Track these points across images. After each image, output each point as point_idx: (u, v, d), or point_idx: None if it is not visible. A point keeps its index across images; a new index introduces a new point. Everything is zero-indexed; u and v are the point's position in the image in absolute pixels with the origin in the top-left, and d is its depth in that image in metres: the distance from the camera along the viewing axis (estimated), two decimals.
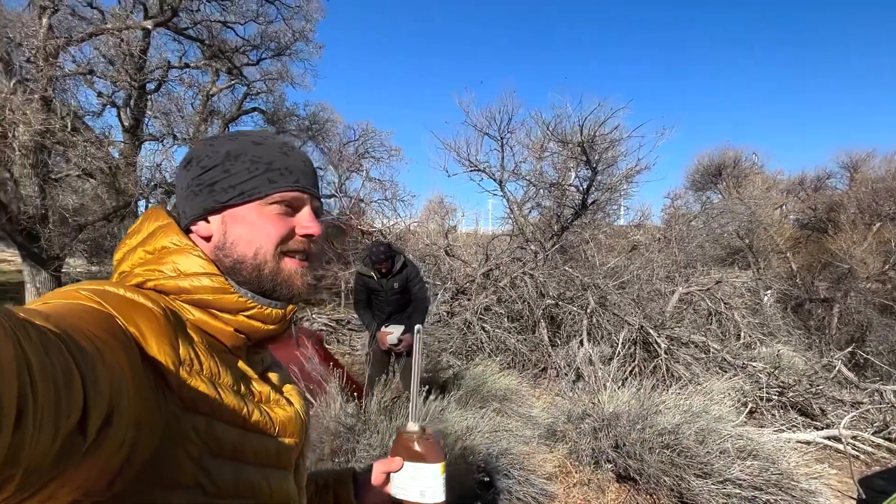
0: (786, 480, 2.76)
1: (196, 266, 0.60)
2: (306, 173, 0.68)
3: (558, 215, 8.57)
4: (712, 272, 9.92)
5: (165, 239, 0.62)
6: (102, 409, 0.39)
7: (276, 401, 0.65)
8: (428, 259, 8.64)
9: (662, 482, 2.78)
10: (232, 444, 0.55)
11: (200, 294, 0.60)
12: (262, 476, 0.59)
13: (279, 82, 13.55)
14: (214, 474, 0.53)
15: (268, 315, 0.64)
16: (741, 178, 16.60)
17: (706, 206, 13.43)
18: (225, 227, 0.64)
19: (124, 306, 0.50)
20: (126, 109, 12.19)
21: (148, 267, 0.60)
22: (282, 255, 0.64)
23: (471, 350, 6.28)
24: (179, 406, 0.51)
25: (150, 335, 0.50)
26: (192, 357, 0.53)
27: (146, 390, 0.47)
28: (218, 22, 11.73)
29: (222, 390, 0.55)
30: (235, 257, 0.63)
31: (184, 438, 0.51)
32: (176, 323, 0.54)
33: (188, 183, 0.66)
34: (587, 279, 7.04)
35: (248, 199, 0.63)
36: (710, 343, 6.21)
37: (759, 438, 3.04)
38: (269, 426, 0.61)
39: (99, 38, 10.22)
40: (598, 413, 3.30)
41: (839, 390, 5.74)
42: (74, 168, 9.98)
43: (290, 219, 0.66)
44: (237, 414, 0.56)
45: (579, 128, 7.44)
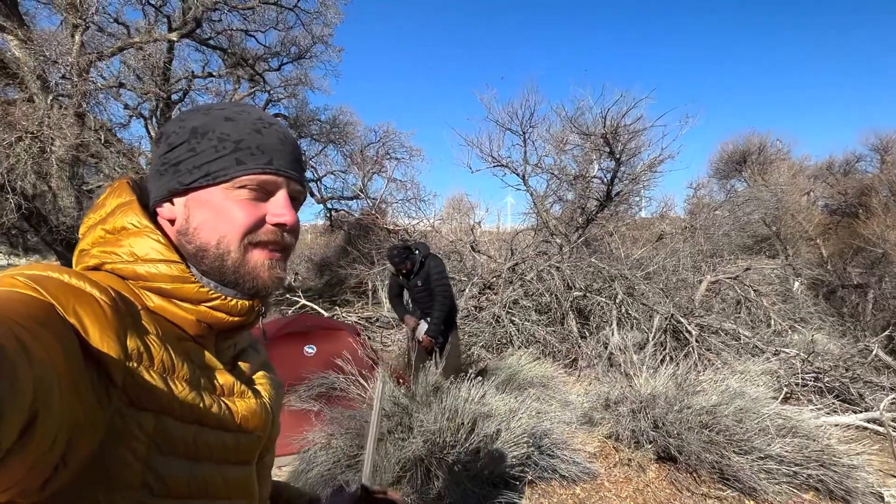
0: (827, 457, 2.78)
1: (154, 251, 0.56)
2: (282, 153, 0.61)
3: (582, 208, 8.58)
4: (739, 261, 9.83)
5: (124, 219, 0.57)
6: (22, 411, 0.35)
7: (241, 392, 0.62)
8: (453, 255, 8.75)
9: (704, 459, 2.83)
10: (184, 440, 0.53)
11: (157, 282, 0.56)
12: (218, 472, 0.57)
13: (300, 87, 13.81)
14: (164, 473, 0.51)
15: (232, 306, 0.60)
16: (766, 164, 16.34)
17: (731, 194, 13.24)
18: (188, 211, 0.59)
19: (65, 294, 0.46)
20: (152, 120, 12.58)
21: (104, 248, 0.56)
22: (248, 246, 0.59)
23: (500, 343, 6.36)
24: (125, 402, 0.47)
25: (93, 326, 0.46)
26: (142, 350, 0.50)
27: (86, 386, 0.44)
28: (240, 31, 12.00)
29: (176, 384, 0.52)
30: (198, 244, 0.58)
31: (129, 436, 0.47)
32: (126, 312, 0.50)
33: (155, 161, 0.62)
34: (614, 270, 7.05)
35: (212, 181, 0.58)
36: (741, 330, 6.17)
37: (798, 417, 3.07)
38: (227, 421, 0.58)
39: (126, 52, 10.54)
40: (636, 396, 3.35)
41: (877, 375, 5.66)
42: (105, 179, 10.35)
43: (262, 205, 0.60)
44: (192, 409, 0.53)
45: (602, 119, 7.46)
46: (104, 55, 9.73)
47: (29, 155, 7.73)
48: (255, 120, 0.60)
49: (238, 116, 0.60)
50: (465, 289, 7.60)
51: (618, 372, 4.51)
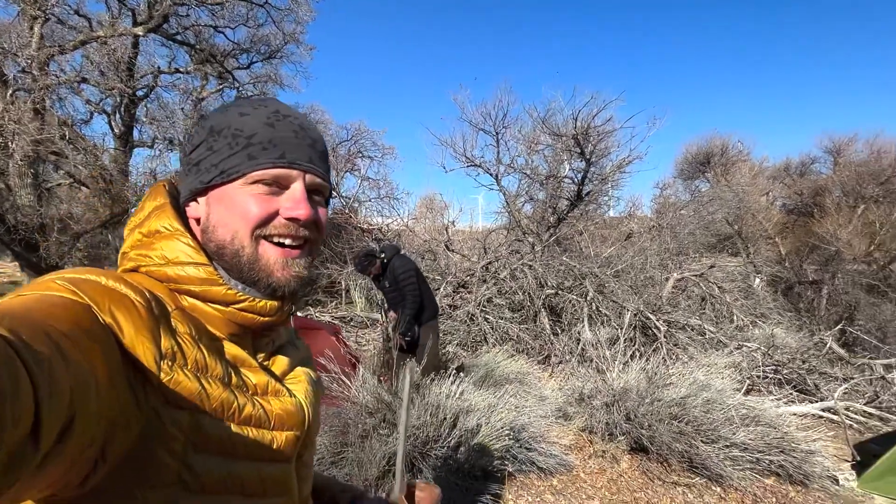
0: (786, 444, 2.95)
1: (183, 254, 0.57)
2: (297, 146, 0.60)
3: (553, 207, 8.75)
4: (704, 258, 10.18)
5: (158, 222, 0.59)
6: (61, 413, 0.37)
7: (276, 391, 0.62)
8: (427, 255, 8.80)
9: (674, 449, 2.96)
10: (219, 438, 0.53)
11: (187, 284, 0.57)
12: (254, 469, 0.57)
13: (270, 85, 13.60)
14: (199, 470, 0.51)
15: (261, 307, 0.60)
16: (728, 165, 16.92)
17: (695, 194, 13.67)
18: (209, 208, 0.60)
19: (101, 295, 0.47)
20: (115, 116, 12.20)
21: (140, 251, 0.58)
22: (260, 240, 0.59)
23: (475, 341, 6.45)
24: (160, 401, 0.49)
25: (128, 326, 0.47)
26: (176, 349, 0.51)
27: (123, 386, 0.45)
28: (208, 26, 11.75)
29: (210, 383, 0.53)
30: (217, 241, 0.59)
31: (165, 434, 0.49)
32: (161, 313, 0.52)
33: (182, 162, 0.63)
34: (585, 268, 7.22)
35: (227, 178, 0.58)
36: (706, 326, 6.42)
37: (760, 407, 3.24)
38: (262, 419, 0.58)
39: (89, 46, 10.20)
40: (608, 390, 3.48)
41: (831, 366, 5.98)
42: (66, 177, 10.01)
43: (276, 199, 0.59)
44: (226, 407, 0.54)
45: (573, 120, 7.63)
46: (65, 49, 9.40)
47: None
48: (269, 114, 0.60)
49: (253, 111, 0.60)
50: (439, 288, 7.66)
51: (590, 367, 4.65)
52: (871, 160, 14.42)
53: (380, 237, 9.05)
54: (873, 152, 14.74)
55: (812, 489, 2.91)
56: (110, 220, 10.76)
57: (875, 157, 14.47)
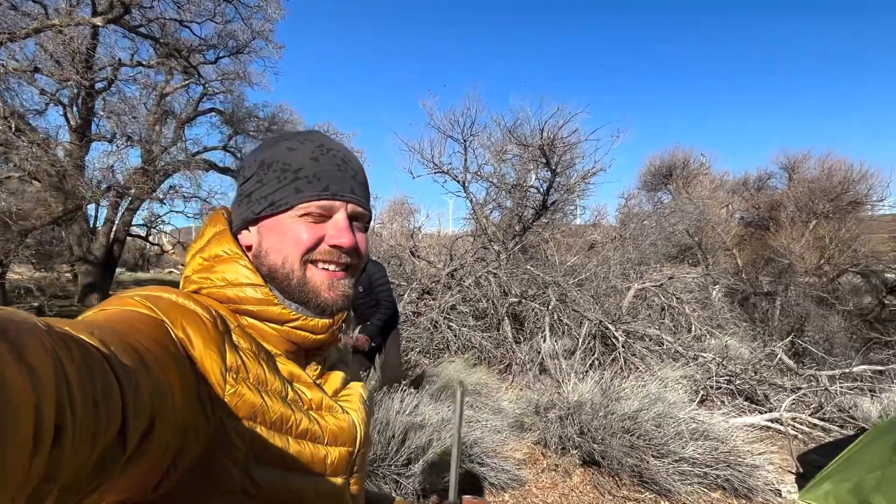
0: (733, 458, 3.02)
1: (242, 276, 0.61)
2: (340, 178, 0.65)
3: (519, 216, 8.81)
4: (665, 269, 10.42)
5: (219, 247, 0.63)
6: (143, 420, 0.40)
7: (329, 408, 0.65)
8: (392, 260, 8.73)
9: (624, 463, 2.99)
10: (278, 451, 0.55)
11: (245, 305, 0.61)
12: (311, 483, 0.59)
13: (237, 82, 13.32)
14: (260, 480, 0.54)
15: (314, 326, 0.64)
16: (690, 178, 17.41)
17: (658, 205, 14.01)
18: (260, 236, 0.65)
19: (174, 311, 0.51)
20: (72, 108, 11.72)
21: (202, 274, 0.62)
22: (308, 264, 0.63)
23: (438, 349, 6.41)
24: (226, 412, 0.51)
25: (198, 340, 0.51)
26: (240, 364, 0.54)
27: (193, 397, 0.48)
28: (173, 20, 11.42)
29: (269, 397, 0.56)
30: (268, 266, 0.63)
31: (230, 445, 0.51)
32: (224, 329, 0.55)
33: (236, 193, 0.68)
34: (548, 277, 7.29)
35: (276, 210, 0.63)
36: (664, 336, 6.55)
37: (709, 421, 3.30)
38: (317, 434, 0.61)
39: (43, 35, 9.77)
40: (563, 402, 3.50)
41: (780, 377, 6.19)
42: (16, 170, 9.55)
43: (322, 226, 0.64)
44: (284, 421, 0.57)
45: (539, 131, 7.70)
46: (16, 36, 8.98)
47: None
48: (314, 148, 0.65)
49: (300, 146, 0.65)
50: (404, 294, 7.61)
51: (548, 378, 4.67)
52: (823, 177, 15.05)
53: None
54: (825, 170, 15.39)
55: (756, 502, 2.99)
56: (62, 217, 10.32)
57: (826, 174, 15.11)
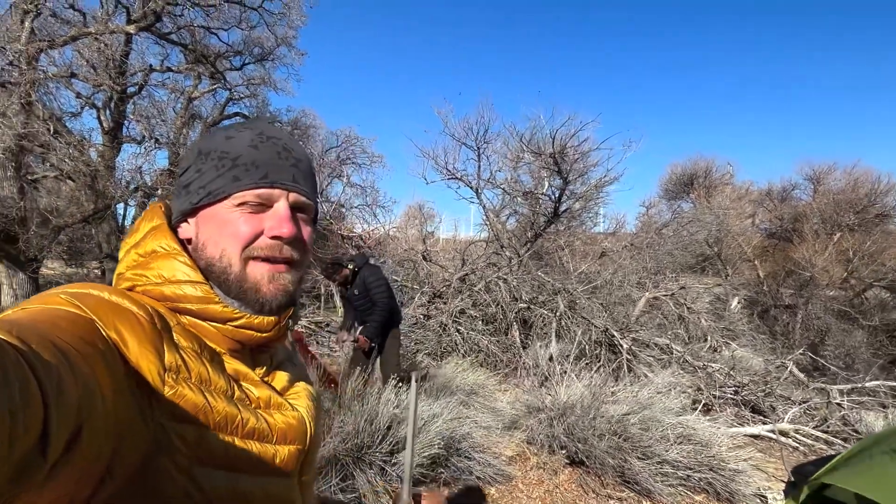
0: (716, 462, 3.08)
1: (180, 273, 0.58)
2: (280, 167, 0.61)
3: (532, 223, 8.90)
4: (681, 279, 10.36)
5: (155, 242, 0.60)
6: (68, 425, 0.37)
7: (278, 405, 0.62)
8: (406, 264, 8.90)
9: (607, 463, 3.08)
10: (224, 452, 0.53)
11: (185, 303, 0.57)
12: (258, 485, 0.57)
13: (262, 87, 13.71)
14: (204, 484, 0.51)
15: (259, 324, 0.60)
16: (712, 188, 17.23)
17: (676, 214, 13.91)
18: (197, 228, 0.62)
19: (105, 310, 0.48)
20: (106, 112, 12.22)
21: (137, 271, 0.59)
22: (248, 260, 0.60)
23: (445, 351, 6.54)
24: (166, 415, 0.49)
25: (133, 341, 0.48)
26: (180, 363, 0.51)
27: (128, 399, 0.45)
28: (201, 27, 11.86)
29: (213, 397, 0.53)
30: (205, 259, 0.60)
31: (171, 448, 0.49)
32: (163, 328, 0.52)
33: (175, 184, 0.65)
34: (558, 284, 7.36)
35: (214, 199, 0.60)
36: (673, 345, 6.57)
37: (696, 426, 3.36)
38: (265, 433, 0.58)
39: (80, 41, 10.25)
40: (555, 404, 3.60)
41: (791, 390, 6.15)
42: (52, 170, 10.03)
43: (260, 217, 0.60)
44: (230, 421, 0.54)
45: (551, 139, 7.80)
46: (56, 43, 9.45)
47: None
48: (254, 136, 0.61)
49: (238, 134, 0.62)
50: (415, 297, 7.77)
51: (545, 382, 4.77)
52: (849, 189, 14.74)
53: (360, 244, 9.16)
54: (851, 181, 15.07)
55: None
56: (93, 215, 10.77)
57: (852, 185, 14.80)
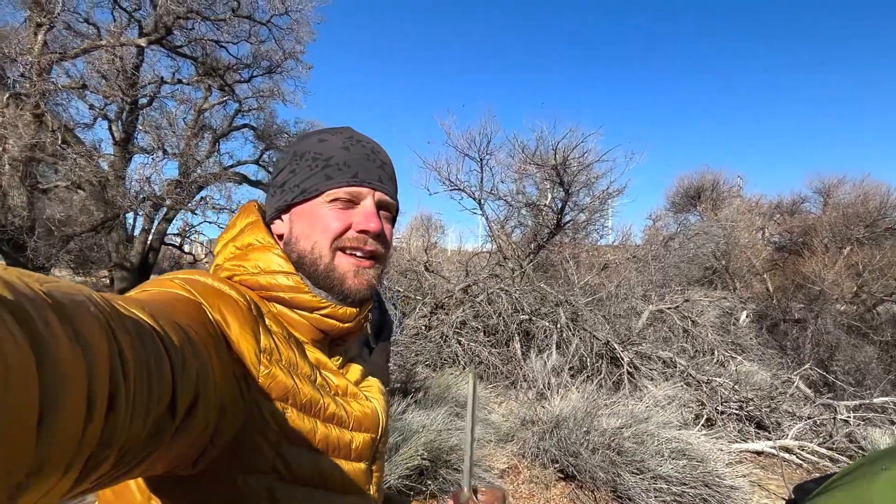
0: (711, 478, 3.02)
1: (274, 264, 0.63)
2: (368, 168, 0.67)
3: (535, 234, 8.88)
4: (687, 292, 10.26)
5: (252, 236, 0.65)
6: (190, 393, 0.41)
7: (354, 395, 0.66)
8: (409, 274, 8.89)
9: (599, 478, 3.03)
10: (308, 432, 0.57)
11: (277, 292, 0.62)
12: (336, 467, 0.61)
13: (270, 100, 13.87)
14: (291, 461, 0.55)
15: (342, 314, 0.65)
16: (719, 200, 17.10)
17: (682, 227, 13.81)
18: (291, 224, 0.67)
19: (210, 295, 0.53)
20: (118, 123, 12.41)
21: (235, 262, 0.64)
22: (337, 251, 0.64)
23: (445, 362, 6.51)
24: (260, 393, 0.53)
25: (234, 323, 0.53)
26: (273, 347, 0.56)
27: (230, 376, 0.50)
28: (211, 41, 12.05)
29: (300, 380, 0.57)
30: (298, 252, 0.65)
31: (263, 425, 0.53)
32: (258, 314, 0.57)
33: (269, 185, 0.71)
34: (560, 296, 7.31)
35: (307, 196, 0.65)
36: (677, 359, 6.49)
37: (691, 441, 3.30)
38: (343, 419, 0.62)
39: (93, 54, 10.44)
40: (549, 417, 3.55)
41: (798, 405, 6.04)
42: (63, 179, 10.18)
43: (350, 213, 0.65)
44: (313, 404, 0.58)
45: (553, 151, 7.80)
46: (68, 55, 9.64)
47: None
48: (344, 139, 0.67)
49: (330, 137, 0.67)
50: (417, 308, 7.75)
51: (544, 394, 4.72)
52: (858, 202, 14.58)
53: None
54: (860, 194, 14.91)
55: None
56: (102, 224, 10.90)
57: (862, 199, 14.64)
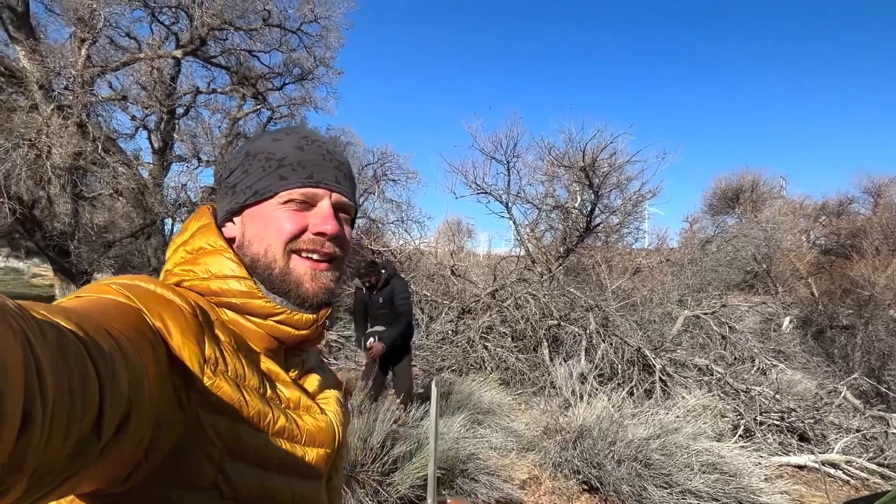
0: (745, 494, 2.83)
1: (226, 269, 0.60)
2: (324, 167, 0.64)
3: (564, 237, 8.71)
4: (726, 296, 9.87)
5: (203, 240, 0.63)
6: (120, 408, 0.39)
7: (307, 408, 0.63)
8: (437, 278, 8.85)
9: (623, 492, 2.88)
10: (255, 448, 0.54)
11: (229, 297, 0.59)
12: (287, 484, 0.57)
13: (302, 107, 14.14)
14: (234, 478, 0.52)
15: (297, 320, 0.62)
16: (759, 202, 16.47)
17: (720, 229, 13.33)
18: (244, 226, 0.64)
19: (151, 301, 0.50)
20: (156, 132, 12.87)
21: (185, 267, 0.61)
22: (291, 254, 0.62)
23: (471, 368, 6.42)
24: (202, 405, 0.50)
25: (176, 331, 0.50)
26: (218, 356, 0.53)
27: (168, 387, 0.47)
28: (244, 51, 12.36)
29: (247, 393, 0.54)
30: (251, 255, 0.62)
31: (204, 439, 0.50)
32: (204, 321, 0.54)
33: (220, 186, 0.68)
34: (590, 300, 7.13)
35: (261, 197, 0.62)
36: (714, 366, 6.22)
37: (724, 453, 3.12)
38: (295, 433, 0.59)
39: (133, 66, 10.86)
40: (572, 426, 3.42)
41: (846, 417, 5.69)
42: (106, 187, 10.59)
43: (305, 215, 0.63)
44: (261, 418, 0.55)
45: (581, 153, 7.63)
46: (108, 69, 10.03)
47: (25, 161, 7.94)
48: (299, 139, 0.65)
49: (284, 137, 0.65)
50: (443, 312, 7.70)
51: (570, 401, 4.57)
52: None
53: (391, 259, 9.16)
54: None
55: None
56: (140, 230, 11.28)
57: None
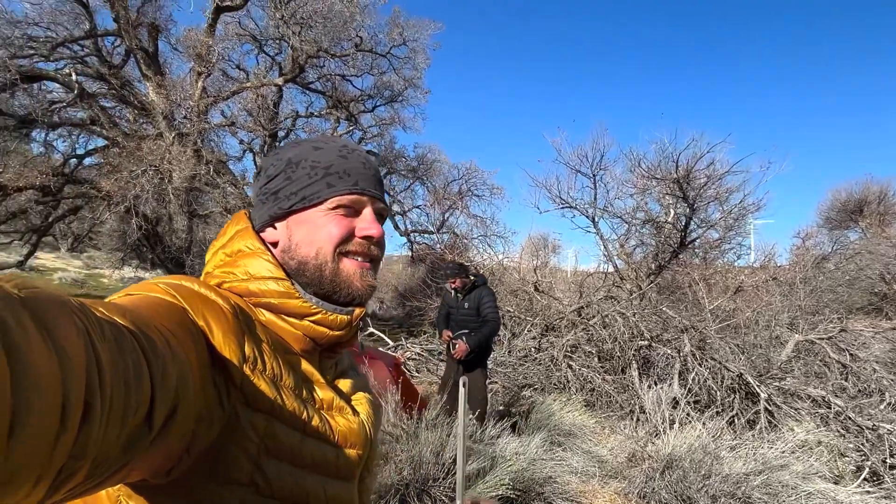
0: None
1: (264, 270, 0.62)
2: (366, 176, 0.68)
3: (656, 253, 8.25)
4: (846, 320, 8.83)
5: (241, 243, 0.65)
6: (169, 402, 0.40)
7: (340, 409, 0.65)
8: (520, 294, 8.71)
9: None
10: (290, 446, 0.56)
11: (267, 298, 0.61)
12: (320, 484, 0.59)
13: (391, 126, 14.74)
14: (270, 475, 0.54)
15: (333, 321, 0.64)
16: (888, 215, 14.63)
17: (839, 245, 12.00)
18: (290, 231, 0.66)
19: (195, 300, 0.52)
20: (260, 154, 13.98)
21: (224, 269, 0.63)
22: (341, 256, 0.65)
23: (554, 387, 6.21)
24: (241, 402, 0.52)
25: (218, 330, 0.51)
26: (257, 356, 0.54)
27: (210, 384, 0.49)
28: (338, 76, 13.12)
29: (283, 392, 0.56)
30: (299, 259, 0.64)
31: (242, 435, 0.52)
32: (244, 321, 0.56)
33: (257, 192, 0.70)
34: (686, 321, 6.66)
35: (308, 203, 0.65)
36: (832, 398, 5.55)
37: (842, 498, 2.75)
38: (328, 434, 0.61)
39: (241, 94, 11.90)
40: (660, 454, 3.18)
41: None
42: (217, 206, 11.63)
43: (352, 220, 0.66)
44: (296, 417, 0.57)
45: (675, 163, 7.22)
46: (220, 98, 11.06)
47: (151, 185, 8.93)
48: (339, 147, 0.68)
49: (325, 146, 0.68)
50: (526, 329, 7.55)
51: (659, 428, 4.27)
52: None
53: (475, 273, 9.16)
54: None
55: None
56: None
57: None
